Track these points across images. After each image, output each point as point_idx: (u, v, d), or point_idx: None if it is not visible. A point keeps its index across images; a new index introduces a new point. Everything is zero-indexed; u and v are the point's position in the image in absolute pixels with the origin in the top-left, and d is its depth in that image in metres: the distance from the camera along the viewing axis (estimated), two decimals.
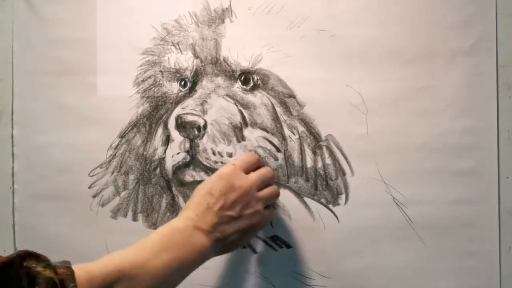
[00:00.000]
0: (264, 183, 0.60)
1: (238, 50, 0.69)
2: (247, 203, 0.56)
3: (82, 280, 0.43)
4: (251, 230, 0.57)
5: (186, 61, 0.70)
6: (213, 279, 0.69)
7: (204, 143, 0.68)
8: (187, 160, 0.69)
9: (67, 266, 0.44)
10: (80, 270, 0.44)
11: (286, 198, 0.68)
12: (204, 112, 0.68)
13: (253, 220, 0.57)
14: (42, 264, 0.42)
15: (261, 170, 0.60)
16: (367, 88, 0.67)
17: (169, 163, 0.70)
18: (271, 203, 0.62)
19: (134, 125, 0.71)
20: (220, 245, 0.55)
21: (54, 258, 0.43)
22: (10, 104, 0.74)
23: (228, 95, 0.69)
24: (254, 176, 0.58)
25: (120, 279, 0.46)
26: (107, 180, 0.72)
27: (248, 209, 0.56)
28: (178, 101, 0.70)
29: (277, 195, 0.62)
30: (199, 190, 0.57)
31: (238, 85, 0.69)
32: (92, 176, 0.73)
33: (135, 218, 0.72)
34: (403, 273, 0.66)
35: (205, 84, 0.69)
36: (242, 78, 0.69)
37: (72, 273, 0.43)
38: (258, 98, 0.69)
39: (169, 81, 0.71)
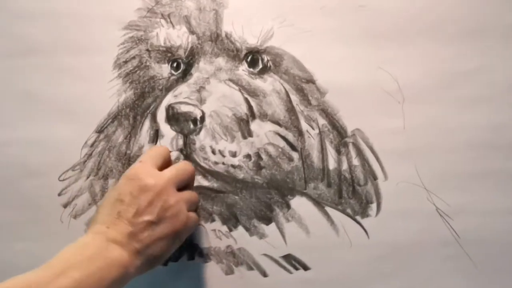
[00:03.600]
0: (183, 181, 0.58)
1: (244, 24, 0.66)
2: (166, 203, 0.54)
3: None
4: (176, 236, 0.55)
5: (179, 37, 0.67)
6: None
7: (202, 139, 0.65)
8: (181, 160, 0.65)
9: None
10: None
11: (303, 207, 0.66)
12: (202, 101, 0.65)
13: (176, 223, 0.55)
14: None
15: (177, 165, 0.59)
16: (403, 71, 0.65)
17: None
18: (193, 208, 0.60)
19: (115, 117, 0.69)
20: (142, 258, 0.53)
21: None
22: None
23: (231, 80, 0.66)
24: (169, 171, 0.57)
25: None
26: (81, 185, 0.69)
27: (169, 210, 0.54)
28: (169, 87, 0.67)
29: (197, 200, 0.60)
30: (107, 199, 0.55)
31: (243, 68, 0.66)
32: (63, 180, 0.69)
33: None
34: None
35: (203, 66, 0.66)
36: (248, 59, 0.66)
37: None
38: (268, 84, 0.66)
39: (158, 62, 0.68)
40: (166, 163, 0.59)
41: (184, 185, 0.58)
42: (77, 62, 0.69)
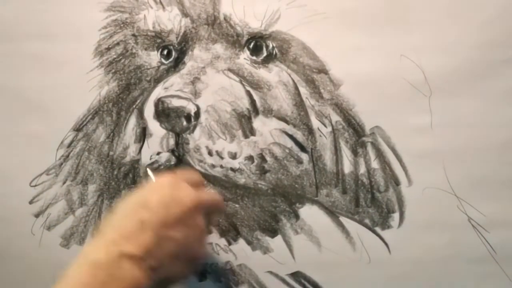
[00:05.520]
0: (213, 213, 0.58)
1: (246, 5, 0.63)
2: (193, 224, 0.52)
3: None
4: (194, 262, 0.54)
5: (170, 20, 0.65)
6: None
7: (196, 138, 0.63)
8: (172, 163, 0.64)
9: None
10: None
11: (314, 217, 0.64)
12: (196, 94, 0.63)
13: (200, 249, 0.54)
14: None
15: (212, 192, 0.61)
16: (431, 59, 0.62)
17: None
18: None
19: (96, 113, 0.67)
20: (155, 278, 0.50)
21: None
22: None
23: (230, 70, 0.64)
24: (206, 194, 0.57)
25: None
26: (56, 191, 0.67)
27: (194, 231, 0.52)
28: (158, 78, 0.66)
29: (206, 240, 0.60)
30: (126, 204, 0.53)
31: (245, 56, 0.64)
32: (35, 186, 0.68)
33: None
34: None
35: (198, 54, 0.64)
36: (251, 46, 0.64)
37: None
38: (274, 74, 0.64)
39: (145, 49, 0.66)
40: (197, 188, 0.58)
41: (208, 218, 0.57)
42: (50, 49, 0.66)
